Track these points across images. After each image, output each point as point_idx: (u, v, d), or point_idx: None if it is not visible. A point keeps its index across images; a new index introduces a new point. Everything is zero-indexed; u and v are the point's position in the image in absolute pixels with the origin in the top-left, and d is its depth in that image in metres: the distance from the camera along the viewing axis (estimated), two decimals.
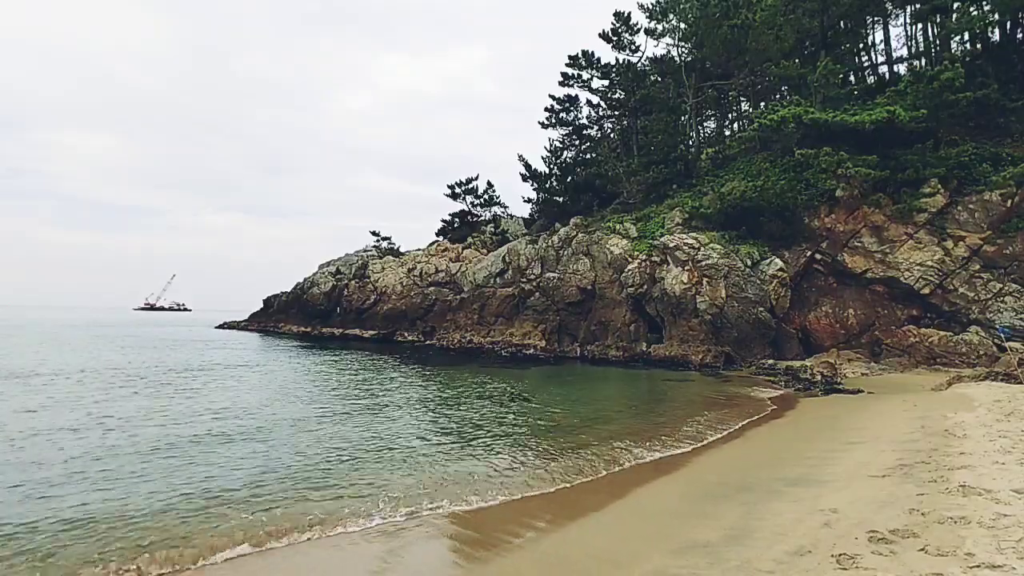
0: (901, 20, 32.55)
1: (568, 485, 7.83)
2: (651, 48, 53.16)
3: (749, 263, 24.21)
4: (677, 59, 38.47)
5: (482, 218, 50.23)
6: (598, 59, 40.06)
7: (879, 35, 34.61)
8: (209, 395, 15.15)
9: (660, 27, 38.75)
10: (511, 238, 40.87)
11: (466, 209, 50.69)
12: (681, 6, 36.46)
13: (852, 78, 33.53)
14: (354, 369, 22.17)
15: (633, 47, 39.58)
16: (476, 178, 50.08)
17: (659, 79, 40.38)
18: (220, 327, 57.85)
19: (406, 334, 36.46)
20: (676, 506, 6.85)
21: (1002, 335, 18.27)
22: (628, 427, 11.77)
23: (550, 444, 10.12)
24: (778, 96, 36.11)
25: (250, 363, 23.95)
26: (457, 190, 50.11)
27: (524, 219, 47.43)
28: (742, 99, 41.22)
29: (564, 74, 41.18)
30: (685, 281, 24.49)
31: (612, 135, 43.94)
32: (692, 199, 29.60)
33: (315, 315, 43.85)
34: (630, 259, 27.54)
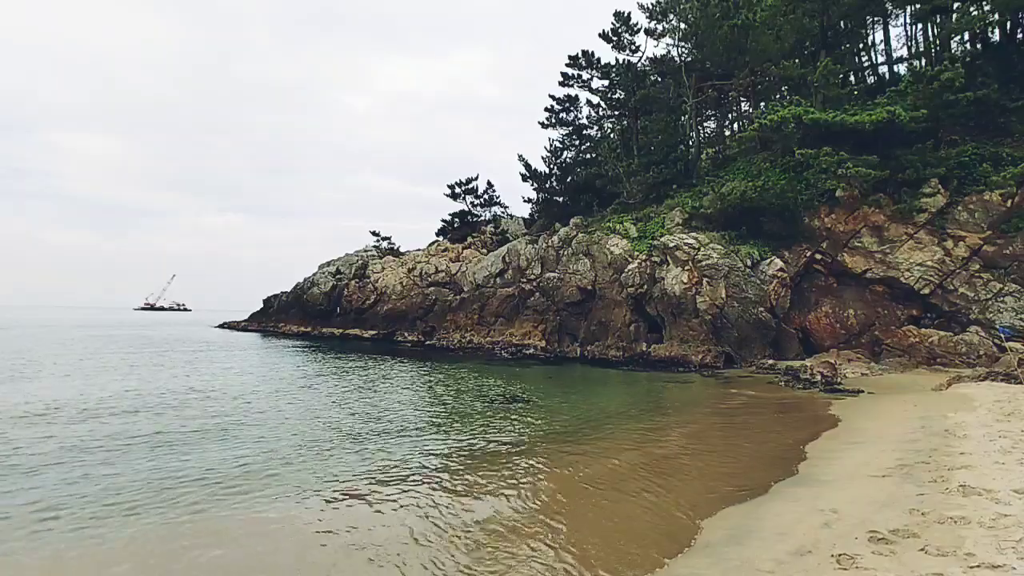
0: (901, 20, 32.52)
1: (568, 485, 7.83)
2: (651, 48, 53.28)
3: (749, 263, 24.20)
4: (677, 59, 38.44)
5: (482, 218, 50.24)
6: (598, 59, 40.03)
7: (879, 35, 34.62)
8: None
9: (660, 27, 38.70)
10: (511, 238, 40.86)
11: (466, 209, 50.73)
12: (681, 6, 36.41)
13: (852, 78, 33.48)
14: (363, 376, 22.15)
15: (633, 47, 39.55)
16: (476, 178, 50.19)
17: (659, 79, 40.32)
18: (220, 327, 57.90)
19: (406, 334, 36.44)
20: (676, 505, 6.84)
21: (1002, 335, 18.26)
22: (629, 427, 11.77)
23: (547, 445, 10.12)
24: (778, 96, 36.05)
25: (258, 368, 23.94)
26: (457, 190, 50.14)
27: (524, 219, 47.42)
28: (742, 99, 41.14)
29: (564, 74, 41.16)
30: (685, 281, 24.48)
31: (612, 135, 43.88)
32: (692, 199, 29.58)
33: (315, 315, 43.84)
34: (630, 259, 27.52)
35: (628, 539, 5.82)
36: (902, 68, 32.25)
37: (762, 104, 36.74)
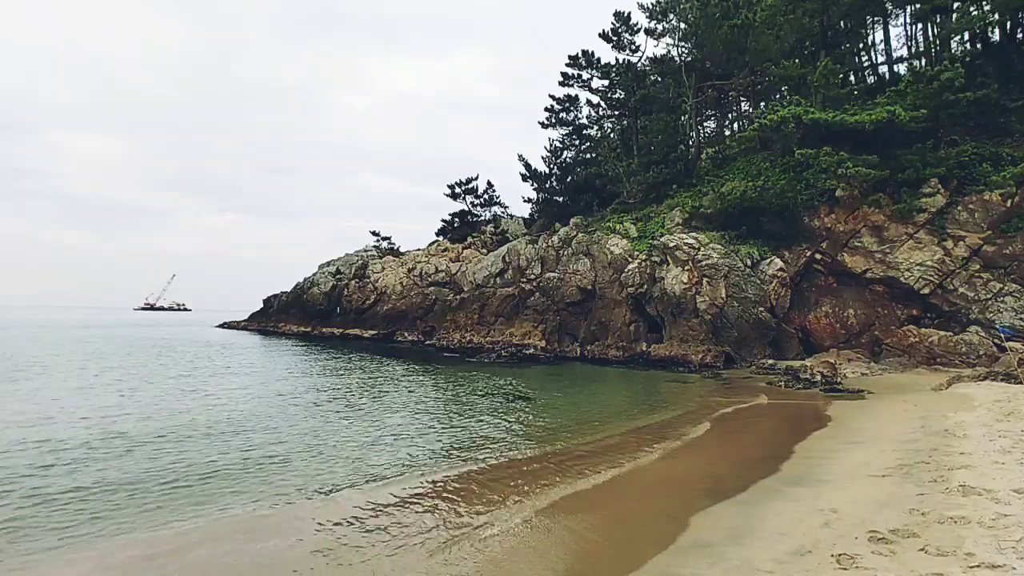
0: (901, 20, 32.54)
1: (567, 485, 7.82)
2: (651, 48, 53.31)
3: (749, 263, 24.20)
4: (677, 59, 38.45)
5: (482, 218, 50.24)
6: (598, 59, 40.05)
7: (879, 35, 34.63)
8: None
9: (660, 27, 38.72)
10: (511, 238, 40.86)
11: (466, 209, 50.73)
12: (681, 6, 36.42)
13: (852, 78, 33.48)
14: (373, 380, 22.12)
15: (633, 47, 39.56)
16: (476, 178, 50.19)
17: (659, 79, 40.34)
18: (220, 327, 57.90)
19: (406, 334, 36.44)
20: (676, 505, 6.84)
21: (1002, 335, 18.24)
22: (626, 428, 11.77)
23: (547, 444, 10.12)
24: (778, 96, 36.06)
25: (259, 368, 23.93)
26: (457, 190, 50.14)
27: (524, 219, 47.45)
28: (742, 99, 41.17)
29: (564, 74, 41.18)
30: (685, 281, 24.48)
31: (612, 135, 43.92)
32: (692, 199, 29.57)
33: (315, 315, 43.83)
34: (630, 259, 27.52)
35: (619, 536, 5.82)
36: (902, 68, 32.27)
37: (762, 104, 36.74)
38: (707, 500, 6.87)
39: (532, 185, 45.74)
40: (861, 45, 34.95)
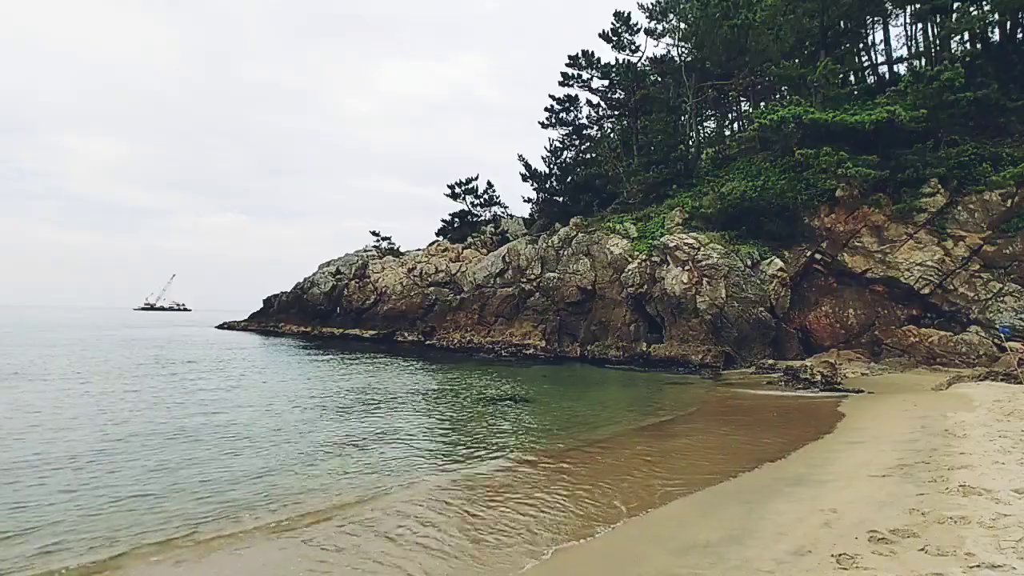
0: (901, 20, 32.53)
1: (567, 484, 7.83)
2: (651, 48, 53.28)
3: (749, 263, 24.20)
4: (677, 59, 38.47)
5: (482, 218, 50.20)
6: (598, 59, 40.03)
7: (879, 35, 34.64)
8: None
9: (660, 27, 38.78)
10: (511, 238, 40.83)
11: (466, 209, 50.68)
12: (681, 6, 36.47)
13: (852, 78, 33.48)
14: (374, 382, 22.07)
15: (633, 47, 39.57)
16: (476, 178, 50.09)
17: (659, 79, 40.35)
18: (220, 327, 57.87)
19: (406, 334, 36.41)
20: (677, 506, 6.84)
21: (1002, 335, 18.26)
22: (623, 429, 11.77)
23: (548, 445, 10.12)
24: (778, 96, 36.07)
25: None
26: (457, 190, 50.08)
27: (524, 219, 47.39)
28: (742, 99, 41.18)
29: (564, 74, 41.16)
30: (685, 281, 24.48)
31: (612, 135, 43.92)
32: (692, 199, 29.58)
33: (315, 315, 43.80)
34: (630, 259, 27.52)
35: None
36: (902, 68, 32.30)
37: (762, 104, 36.73)
38: (707, 498, 6.87)
39: (532, 185, 45.78)
40: (861, 45, 34.94)
